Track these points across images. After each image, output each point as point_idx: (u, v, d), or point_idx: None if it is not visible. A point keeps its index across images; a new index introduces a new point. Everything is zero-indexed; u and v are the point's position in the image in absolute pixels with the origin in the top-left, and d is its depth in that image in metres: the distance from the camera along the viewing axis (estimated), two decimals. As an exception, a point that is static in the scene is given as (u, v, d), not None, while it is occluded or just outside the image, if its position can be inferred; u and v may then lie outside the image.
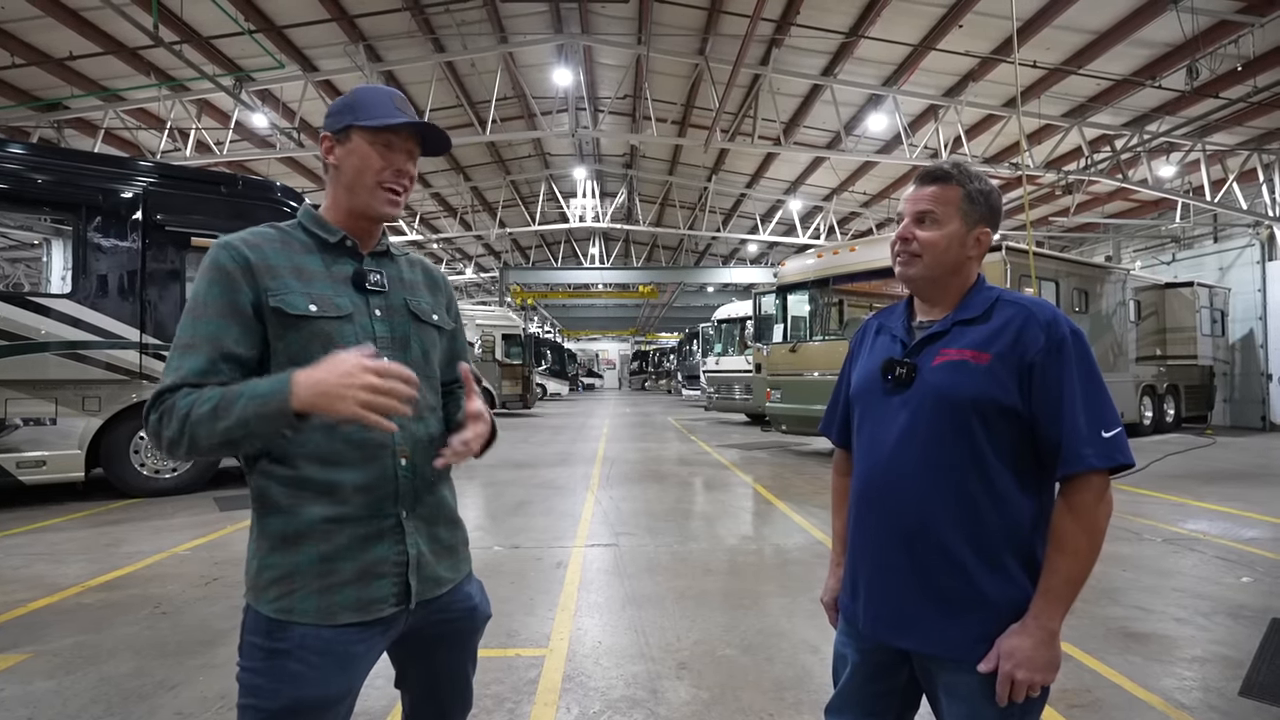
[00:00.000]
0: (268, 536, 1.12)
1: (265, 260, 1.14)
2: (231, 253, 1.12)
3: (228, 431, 1.01)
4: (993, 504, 1.14)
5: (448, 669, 1.33)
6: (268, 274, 1.13)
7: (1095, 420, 1.11)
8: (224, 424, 1.01)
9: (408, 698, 1.36)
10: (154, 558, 4.38)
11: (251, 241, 1.15)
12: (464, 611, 1.30)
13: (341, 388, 0.98)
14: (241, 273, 1.11)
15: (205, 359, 1.08)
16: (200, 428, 1.01)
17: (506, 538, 4.99)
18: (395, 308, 1.24)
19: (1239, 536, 4.97)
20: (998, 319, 1.19)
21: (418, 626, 1.23)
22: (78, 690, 2.55)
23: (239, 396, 1.02)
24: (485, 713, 2.42)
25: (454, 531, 1.29)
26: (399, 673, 1.33)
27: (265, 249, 1.15)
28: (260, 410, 1.00)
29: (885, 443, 1.23)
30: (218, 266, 1.11)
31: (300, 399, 0.99)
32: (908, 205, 1.27)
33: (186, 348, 1.09)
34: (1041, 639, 1.09)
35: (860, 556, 1.29)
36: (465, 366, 1.32)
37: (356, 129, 1.17)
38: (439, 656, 1.31)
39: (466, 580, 1.32)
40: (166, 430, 1.04)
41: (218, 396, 1.03)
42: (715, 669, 2.78)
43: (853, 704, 1.31)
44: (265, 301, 1.11)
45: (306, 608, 1.09)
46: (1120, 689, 2.60)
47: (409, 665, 1.31)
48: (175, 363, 1.08)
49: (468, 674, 1.37)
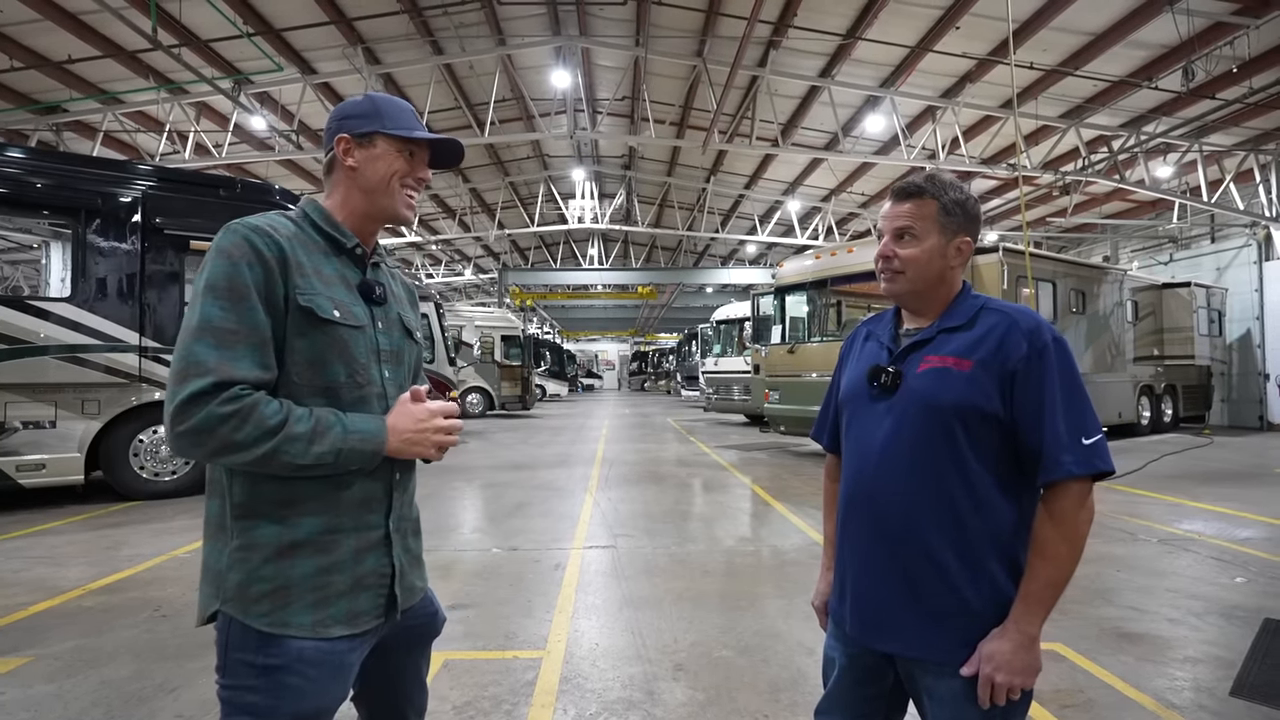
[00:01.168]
0: (257, 547, 1.07)
1: (296, 255, 1.11)
2: (266, 240, 1.08)
3: (320, 456, 1.05)
4: (975, 509, 1.16)
5: (408, 674, 1.35)
6: (297, 270, 1.10)
7: (1076, 427, 1.12)
8: (318, 449, 1.05)
9: (365, 708, 1.34)
10: (154, 560, 4.40)
11: (281, 231, 1.12)
12: (427, 617, 1.34)
13: (420, 435, 1.15)
14: (277, 263, 1.08)
15: (259, 354, 1.04)
16: (294, 445, 1.03)
17: (505, 540, 5.01)
18: (392, 320, 1.26)
19: (1234, 537, 4.99)
20: (981, 326, 1.21)
21: (387, 634, 1.24)
22: (78, 693, 2.56)
23: (333, 425, 1.07)
24: (482, 714, 2.43)
25: (419, 541, 1.33)
26: (359, 683, 1.28)
27: (295, 243, 1.13)
28: (360, 446, 1.09)
29: (871, 448, 1.25)
30: (256, 251, 1.06)
31: (391, 446, 1.13)
32: (885, 223, 1.29)
33: (232, 334, 1.02)
34: (1022, 643, 1.10)
35: (847, 560, 1.31)
36: (419, 389, 1.26)
37: (383, 135, 1.19)
38: (401, 662, 1.32)
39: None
40: (238, 432, 0.99)
41: (311, 417, 1.06)
42: (711, 670, 2.79)
43: (841, 706, 1.33)
44: (294, 298, 1.09)
45: (302, 621, 1.07)
46: (1112, 689, 2.62)
47: (372, 673, 1.29)
48: (219, 351, 1.01)
49: (425, 678, 1.39)
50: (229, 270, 1.04)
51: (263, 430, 1.00)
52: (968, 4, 9.97)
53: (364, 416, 1.12)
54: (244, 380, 1.01)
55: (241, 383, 1.01)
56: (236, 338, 1.02)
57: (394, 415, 1.14)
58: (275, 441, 1.01)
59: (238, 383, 1.00)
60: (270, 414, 1.01)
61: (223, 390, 0.99)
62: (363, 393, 1.15)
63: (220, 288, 1.03)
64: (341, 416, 1.09)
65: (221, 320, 1.02)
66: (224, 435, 0.98)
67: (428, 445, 1.16)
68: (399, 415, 1.14)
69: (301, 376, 1.10)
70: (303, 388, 1.10)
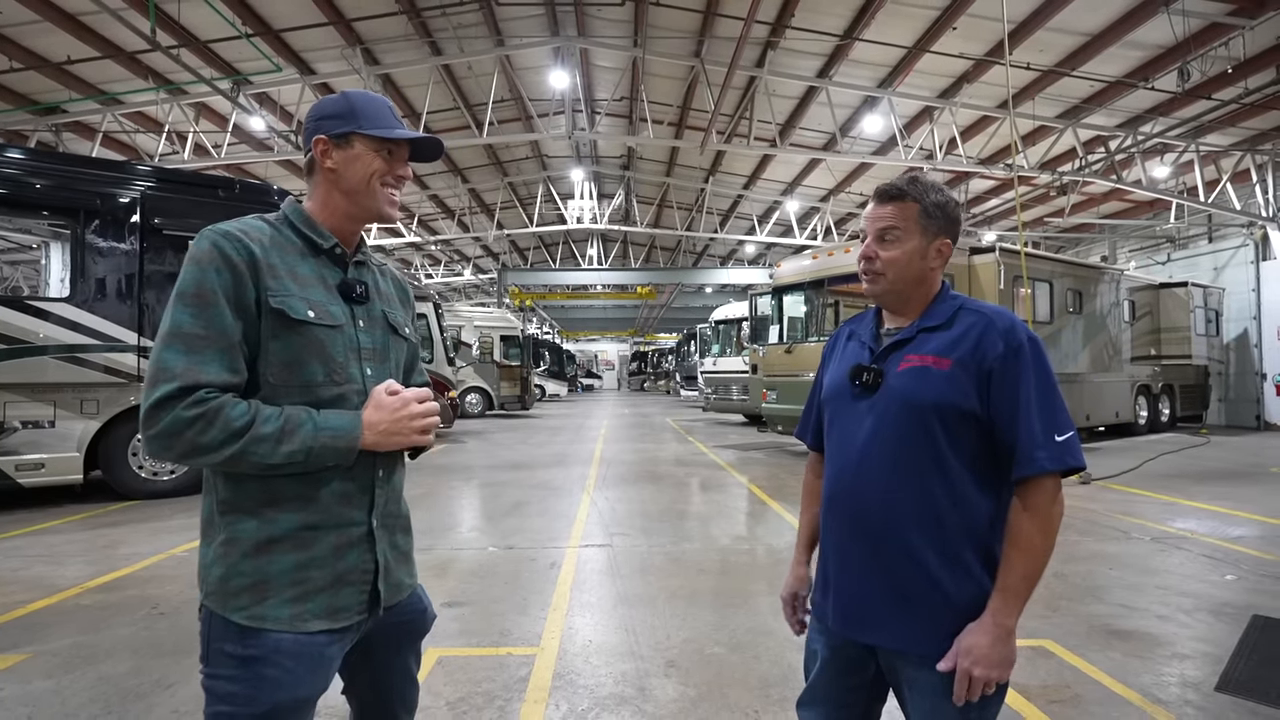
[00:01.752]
0: (237, 543, 1.09)
1: (267, 258, 1.12)
2: (235, 245, 1.09)
3: (289, 455, 1.06)
4: (953, 504, 1.19)
5: (399, 670, 1.35)
6: (269, 273, 1.11)
7: (1049, 425, 1.15)
8: (287, 448, 1.06)
9: (356, 702, 1.35)
10: (152, 559, 4.42)
11: (253, 235, 1.13)
12: (417, 613, 1.35)
13: (397, 425, 1.15)
14: (247, 267, 1.09)
15: (226, 358, 1.06)
16: (261, 445, 1.04)
17: (501, 538, 5.04)
18: (375, 319, 1.27)
19: (1226, 535, 5.02)
20: (959, 326, 1.24)
21: (375, 630, 1.25)
22: (76, 689, 2.59)
23: (303, 423, 1.08)
24: (475, 710, 2.46)
25: (408, 539, 1.33)
26: (348, 677, 1.32)
27: (266, 245, 1.13)
28: (331, 444, 1.10)
29: (853, 445, 1.28)
30: (223, 256, 1.08)
31: (366, 440, 1.13)
32: (868, 224, 1.31)
33: (200, 340, 1.04)
34: (998, 635, 1.13)
35: (830, 555, 1.33)
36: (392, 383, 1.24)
37: (360, 136, 1.19)
38: (391, 658, 1.33)
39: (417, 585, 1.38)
40: (204, 435, 1.01)
41: (280, 416, 1.07)
42: (703, 667, 2.82)
43: (823, 698, 1.35)
44: (266, 300, 1.10)
45: (280, 615, 1.09)
46: (1100, 685, 2.64)
47: (362, 668, 1.30)
48: (187, 357, 1.03)
49: (415, 675, 1.40)
50: (197, 277, 1.06)
51: (229, 432, 1.02)
52: (965, 5, 10.00)
53: (337, 413, 1.12)
54: (210, 384, 1.03)
55: (208, 386, 1.03)
56: (204, 342, 1.04)
57: (368, 410, 1.15)
58: (242, 443, 1.02)
59: (204, 386, 1.02)
60: (236, 416, 1.03)
61: (189, 394, 1.01)
62: (341, 390, 1.16)
63: (189, 294, 1.06)
64: (314, 414, 1.10)
65: (190, 326, 1.04)
66: (190, 438, 1.01)
67: (407, 434, 1.17)
68: (373, 409, 1.15)
69: (278, 377, 1.12)
70: (280, 388, 1.11)
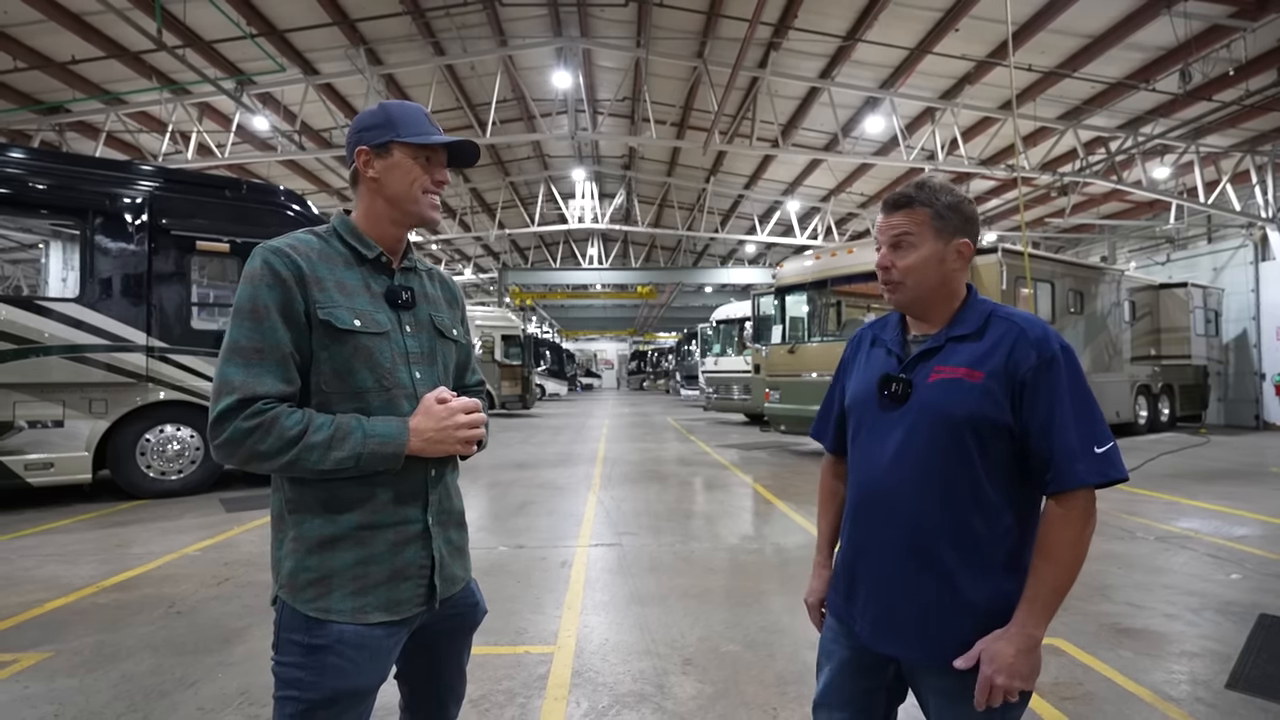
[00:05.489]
0: (303, 539, 1.18)
1: (314, 271, 1.18)
2: (284, 260, 1.16)
3: (340, 461, 1.12)
4: (983, 517, 1.18)
5: (450, 661, 1.41)
6: (316, 285, 1.17)
7: (1087, 436, 1.13)
8: (337, 454, 1.12)
9: (407, 688, 1.42)
10: (165, 558, 4.45)
11: (300, 250, 1.19)
12: (469, 607, 1.40)
13: (442, 433, 1.20)
14: (295, 281, 1.15)
15: (282, 370, 1.13)
16: (313, 452, 1.10)
17: (511, 538, 5.07)
18: (422, 323, 1.31)
19: (1230, 534, 5.06)
20: (990, 336, 1.21)
21: (429, 622, 1.31)
22: (100, 688, 2.62)
23: (353, 430, 1.13)
24: (497, 707, 2.49)
25: (462, 533, 1.38)
26: (403, 665, 1.38)
27: (314, 259, 1.20)
28: (379, 449, 1.14)
29: (882, 456, 1.26)
30: (274, 272, 1.14)
31: (412, 446, 1.17)
32: (880, 234, 1.29)
33: (256, 353, 1.11)
34: (1025, 646, 1.11)
35: (857, 564, 1.31)
36: (443, 391, 1.29)
37: (398, 144, 1.23)
38: (444, 649, 1.39)
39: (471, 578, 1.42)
40: (261, 444, 1.08)
41: (330, 425, 1.13)
42: (719, 664, 2.85)
43: (841, 700, 1.34)
44: (314, 313, 1.16)
45: (343, 608, 1.17)
46: (1111, 682, 2.68)
47: (415, 657, 1.36)
48: (247, 370, 1.10)
49: (465, 665, 1.46)
50: (251, 293, 1.13)
51: (284, 440, 1.09)
52: (967, 6, 10.03)
53: (385, 420, 1.18)
54: (267, 395, 1.10)
55: (265, 397, 1.10)
56: (260, 356, 1.11)
57: (416, 417, 1.20)
58: (296, 450, 1.09)
59: (261, 398, 1.09)
60: (291, 425, 1.10)
61: (247, 406, 1.09)
62: (390, 395, 1.21)
63: (244, 310, 1.13)
64: (363, 422, 1.15)
65: (246, 341, 1.11)
66: (250, 446, 1.08)
67: (452, 443, 1.22)
68: (421, 416, 1.20)
69: (330, 385, 1.18)
70: (332, 395, 1.18)
